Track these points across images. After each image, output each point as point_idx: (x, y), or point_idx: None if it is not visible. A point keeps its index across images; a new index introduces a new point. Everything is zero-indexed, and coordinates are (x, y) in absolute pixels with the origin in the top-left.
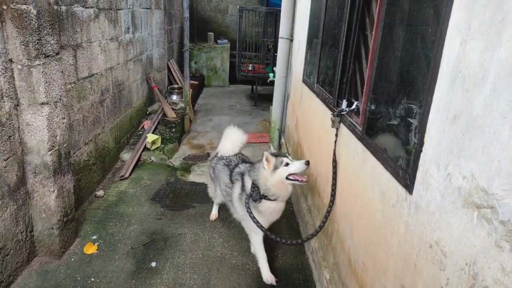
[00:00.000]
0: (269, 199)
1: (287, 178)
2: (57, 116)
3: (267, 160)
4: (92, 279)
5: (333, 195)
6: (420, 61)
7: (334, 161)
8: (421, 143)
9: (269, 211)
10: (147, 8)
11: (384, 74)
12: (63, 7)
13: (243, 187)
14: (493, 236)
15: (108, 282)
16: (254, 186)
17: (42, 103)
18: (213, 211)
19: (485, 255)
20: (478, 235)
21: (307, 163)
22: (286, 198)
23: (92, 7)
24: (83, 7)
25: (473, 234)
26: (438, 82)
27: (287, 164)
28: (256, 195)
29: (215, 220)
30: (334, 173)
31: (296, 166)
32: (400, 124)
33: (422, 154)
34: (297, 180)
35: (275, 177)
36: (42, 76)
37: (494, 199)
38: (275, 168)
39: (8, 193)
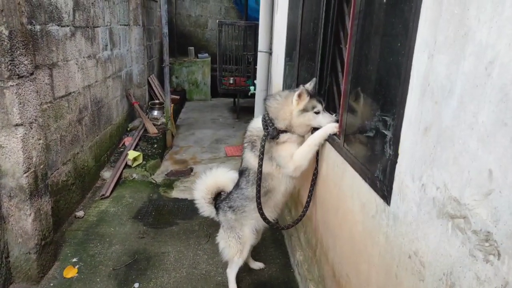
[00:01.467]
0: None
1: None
2: (33, 137)
3: (299, 96)
4: None
5: (308, 202)
6: (392, 74)
7: (315, 173)
8: (395, 155)
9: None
10: (125, 25)
11: (359, 86)
12: (38, 27)
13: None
14: (467, 246)
15: None
16: (268, 120)
17: (16, 125)
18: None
19: (461, 265)
20: (453, 245)
21: (337, 122)
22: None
23: (68, 26)
24: (58, 25)
25: (448, 244)
26: (409, 95)
27: (317, 112)
28: (273, 130)
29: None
30: (313, 184)
31: (327, 120)
32: (375, 135)
33: (397, 165)
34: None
35: (300, 119)
36: (16, 97)
37: (466, 209)
38: (304, 110)
39: None
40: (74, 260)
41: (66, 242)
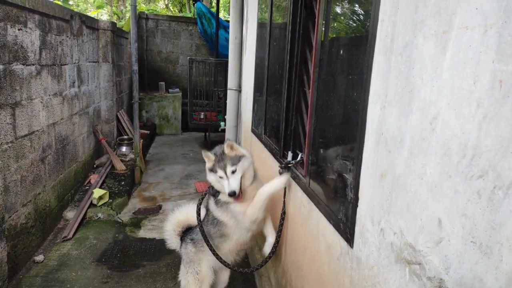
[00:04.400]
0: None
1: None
2: None
3: (206, 156)
4: None
5: (276, 242)
6: (350, 121)
7: (283, 213)
8: (356, 198)
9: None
10: (94, 62)
11: (321, 130)
12: (0, 66)
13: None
14: None
15: None
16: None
17: None
18: None
19: None
20: None
21: (232, 194)
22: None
23: (33, 64)
24: (23, 65)
25: None
26: (366, 142)
27: (221, 177)
28: (212, 189)
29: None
30: (281, 224)
31: (230, 188)
32: (338, 178)
33: (358, 209)
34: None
35: (211, 178)
36: None
37: (421, 256)
38: (212, 170)
39: None
40: None
41: None
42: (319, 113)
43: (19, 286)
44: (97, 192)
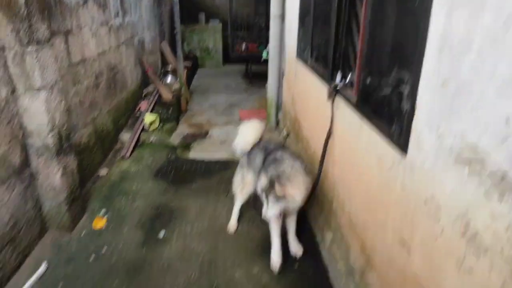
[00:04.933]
0: None
1: None
2: (54, 100)
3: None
4: (104, 250)
5: (322, 162)
6: (409, 33)
7: (329, 132)
8: (413, 109)
9: None
10: None
11: (376, 46)
12: None
13: None
14: (483, 188)
15: (120, 252)
16: None
17: (38, 88)
18: (233, 218)
19: (476, 205)
20: (469, 188)
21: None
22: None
23: None
24: None
25: (464, 187)
26: (427, 51)
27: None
28: None
29: (234, 232)
30: (326, 142)
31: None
32: (392, 92)
33: (414, 119)
34: None
35: None
36: (36, 62)
37: (483, 154)
38: None
39: (14, 174)
40: (102, 213)
41: (92, 197)
42: (373, 29)
43: (89, 194)
44: (148, 118)
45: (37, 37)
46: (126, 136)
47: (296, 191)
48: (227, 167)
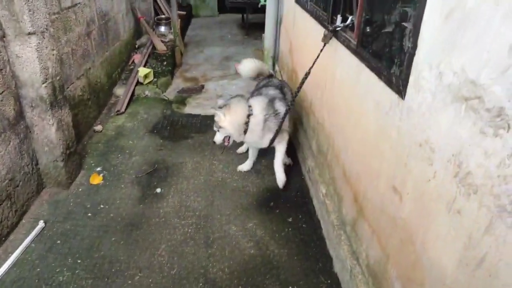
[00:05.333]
0: None
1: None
2: (46, 47)
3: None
4: (101, 206)
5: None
6: None
7: (308, 72)
8: (414, 46)
9: None
10: None
11: None
12: None
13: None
14: (478, 125)
15: (117, 207)
16: None
17: (29, 33)
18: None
19: (470, 143)
20: (465, 126)
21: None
22: None
23: None
24: None
25: (460, 126)
26: None
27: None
28: None
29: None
30: (303, 81)
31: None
32: (394, 30)
33: (415, 58)
34: None
35: None
36: (25, 3)
37: (482, 89)
38: None
39: (8, 126)
40: (99, 169)
41: (88, 153)
42: None
43: (85, 149)
44: (142, 71)
45: None
46: (120, 90)
47: (227, 124)
48: None
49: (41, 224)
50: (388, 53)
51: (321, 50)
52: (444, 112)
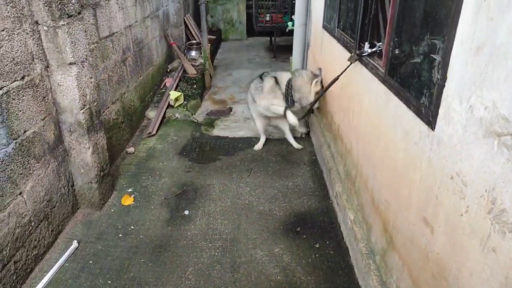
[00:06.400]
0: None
1: None
2: (85, 76)
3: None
4: (132, 227)
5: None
6: None
7: (336, 78)
8: (444, 78)
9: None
10: None
11: (408, 11)
12: None
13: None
14: None
15: (147, 229)
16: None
17: (70, 63)
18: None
19: (504, 180)
20: (498, 162)
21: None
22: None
23: None
24: None
25: (493, 161)
26: (462, 14)
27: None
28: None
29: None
30: (330, 84)
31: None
32: (423, 61)
33: (444, 89)
34: None
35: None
36: (68, 37)
37: None
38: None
39: (48, 150)
40: (130, 190)
41: (121, 174)
42: None
43: (118, 171)
44: (173, 94)
45: (68, 10)
46: (152, 113)
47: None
48: (250, 145)
49: (75, 244)
50: (417, 83)
51: (348, 67)
52: (476, 146)
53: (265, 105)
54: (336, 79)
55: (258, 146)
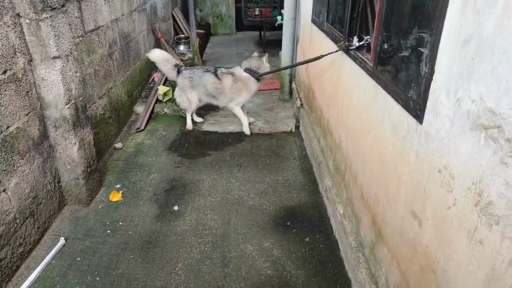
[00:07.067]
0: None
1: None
2: (70, 70)
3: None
4: (120, 223)
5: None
6: None
7: (320, 56)
8: (431, 72)
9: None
10: None
11: (396, 5)
12: None
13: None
14: (499, 154)
15: (135, 225)
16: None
17: (54, 57)
18: (188, 122)
19: (491, 173)
20: (485, 155)
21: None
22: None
23: None
24: None
25: (479, 154)
26: (450, 7)
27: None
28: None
29: (192, 129)
30: (311, 60)
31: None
32: (411, 55)
33: (432, 83)
34: None
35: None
36: (51, 30)
37: (501, 119)
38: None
39: (33, 146)
40: (118, 186)
41: (108, 170)
42: None
43: (106, 167)
44: (162, 89)
45: (51, 3)
46: (140, 108)
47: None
48: (240, 140)
49: (62, 241)
50: (405, 76)
51: (335, 52)
52: (463, 139)
53: (243, 100)
54: (319, 57)
55: (189, 126)
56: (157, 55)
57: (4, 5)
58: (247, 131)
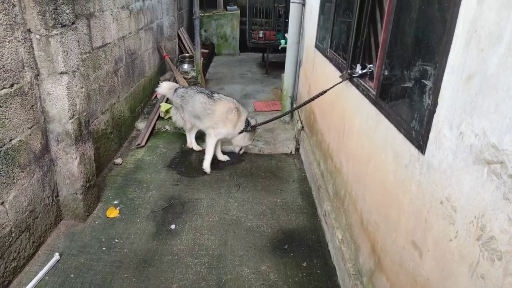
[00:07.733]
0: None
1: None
2: (76, 85)
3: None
4: (116, 240)
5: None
6: (436, 23)
7: (324, 91)
8: (434, 104)
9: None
10: None
11: (400, 36)
12: None
13: None
14: (502, 190)
15: (131, 243)
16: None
17: (61, 73)
18: (188, 140)
19: (493, 208)
20: (487, 190)
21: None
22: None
23: None
24: None
25: (482, 188)
26: (454, 43)
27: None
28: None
29: (192, 147)
30: (315, 97)
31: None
32: (414, 86)
33: (435, 115)
34: None
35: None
36: (60, 46)
37: (504, 155)
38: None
39: (34, 159)
40: (116, 202)
41: (107, 186)
42: (398, 19)
43: (104, 182)
44: (164, 106)
45: (62, 20)
46: (142, 124)
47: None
48: (239, 160)
49: (56, 256)
50: (408, 107)
51: (338, 84)
52: (466, 172)
53: (223, 133)
54: (324, 92)
55: (189, 144)
56: (164, 87)
57: (17, 21)
58: (206, 168)
